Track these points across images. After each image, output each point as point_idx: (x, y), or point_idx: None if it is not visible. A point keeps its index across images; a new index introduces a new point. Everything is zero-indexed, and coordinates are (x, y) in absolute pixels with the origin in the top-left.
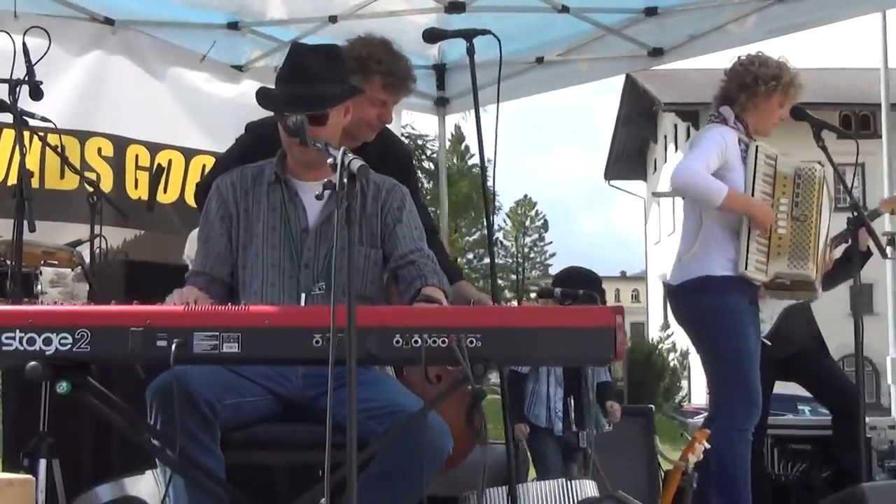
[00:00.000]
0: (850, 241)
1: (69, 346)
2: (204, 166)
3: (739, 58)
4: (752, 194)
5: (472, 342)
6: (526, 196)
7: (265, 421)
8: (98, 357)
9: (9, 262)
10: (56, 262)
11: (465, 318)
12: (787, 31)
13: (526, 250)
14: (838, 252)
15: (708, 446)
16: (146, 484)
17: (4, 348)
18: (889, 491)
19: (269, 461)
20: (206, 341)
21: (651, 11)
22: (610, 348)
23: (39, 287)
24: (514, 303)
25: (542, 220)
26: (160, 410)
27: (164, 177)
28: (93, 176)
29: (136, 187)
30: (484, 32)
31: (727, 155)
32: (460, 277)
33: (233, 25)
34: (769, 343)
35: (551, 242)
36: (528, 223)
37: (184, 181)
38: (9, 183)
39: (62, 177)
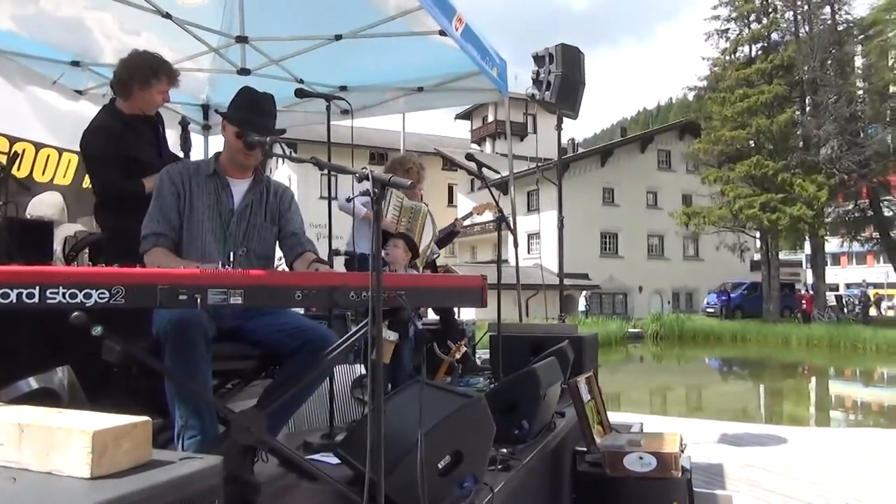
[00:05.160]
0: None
1: (107, 300)
2: (48, 156)
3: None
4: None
5: (402, 295)
6: None
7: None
8: (131, 308)
9: None
10: None
11: (396, 281)
12: (419, 109)
13: None
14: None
15: (465, 349)
16: (57, 378)
17: (48, 301)
18: (548, 367)
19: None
20: (217, 295)
21: (344, 88)
22: (478, 298)
23: None
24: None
25: None
26: (177, 337)
27: (18, 160)
28: None
29: None
30: (340, 98)
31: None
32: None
33: (75, 63)
34: None
35: None
36: None
37: (32, 164)
38: None
39: None
